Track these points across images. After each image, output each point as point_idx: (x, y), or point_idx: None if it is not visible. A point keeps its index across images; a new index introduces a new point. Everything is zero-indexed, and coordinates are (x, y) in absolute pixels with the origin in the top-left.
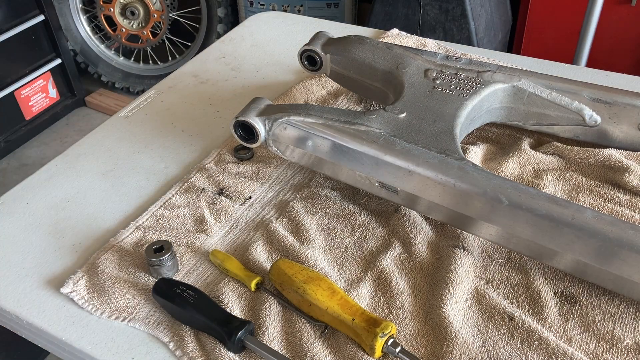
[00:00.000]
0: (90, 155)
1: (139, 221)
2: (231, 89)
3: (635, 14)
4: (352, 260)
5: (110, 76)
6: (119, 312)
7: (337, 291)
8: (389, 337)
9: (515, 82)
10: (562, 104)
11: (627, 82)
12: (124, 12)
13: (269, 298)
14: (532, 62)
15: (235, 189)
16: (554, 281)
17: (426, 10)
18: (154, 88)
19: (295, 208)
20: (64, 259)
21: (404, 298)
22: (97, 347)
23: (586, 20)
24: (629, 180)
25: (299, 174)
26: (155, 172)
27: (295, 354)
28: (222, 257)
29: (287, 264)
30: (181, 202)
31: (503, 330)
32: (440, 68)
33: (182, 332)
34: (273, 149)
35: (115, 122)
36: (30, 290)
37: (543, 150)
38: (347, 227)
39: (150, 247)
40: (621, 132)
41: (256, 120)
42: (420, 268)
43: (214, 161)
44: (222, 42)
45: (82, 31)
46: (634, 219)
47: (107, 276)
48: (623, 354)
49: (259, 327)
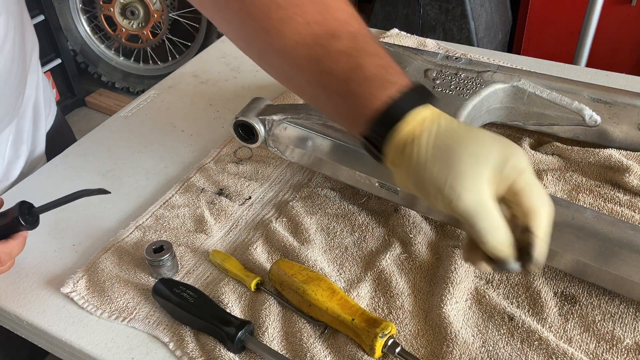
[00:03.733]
0: (90, 155)
1: (139, 221)
2: (231, 89)
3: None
4: (352, 260)
5: (110, 76)
6: (119, 312)
7: (337, 291)
8: (389, 337)
9: (515, 82)
10: (562, 104)
11: (627, 82)
12: (124, 12)
13: (268, 298)
14: (532, 62)
15: (235, 189)
16: (554, 281)
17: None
18: (154, 88)
19: (295, 208)
20: (64, 259)
21: (404, 298)
22: (97, 347)
23: (586, 20)
24: (629, 180)
25: (298, 174)
26: (155, 172)
27: (295, 354)
28: (222, 257)
29: (287, 264)
30: (181, 202)
31: (503, 330)
32: (440, 68)
33: (182, 332)
34: (273, 149)
35: (115, 122)
36: (30, 290)
37: (543, 150)
38: (346, 227)
39: (150, 247)
40: (621, 132)
41: (256, 121)
42: (420, 268)
43: (214, 161)
44: (222, 42)
45: (82, 31)
46: (634, 219)
47: (107, 276)
48: (623, 354)
49: (259, 327)
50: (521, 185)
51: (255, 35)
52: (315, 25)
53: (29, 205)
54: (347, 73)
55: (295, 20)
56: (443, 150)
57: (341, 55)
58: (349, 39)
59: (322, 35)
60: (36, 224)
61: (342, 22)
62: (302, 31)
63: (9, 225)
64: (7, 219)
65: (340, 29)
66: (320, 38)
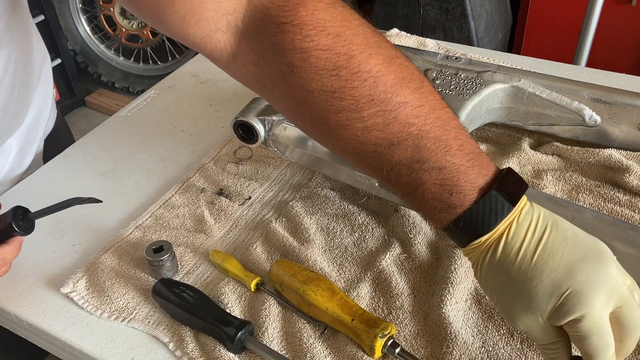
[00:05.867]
0: (90, 155)
1: (138, 221)
2: (231, 89)
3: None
4: (352, 260)
5: (110, 76)
6: (119, 312)
7: (336, 291)
8: (389, 338)
9: (515, 82)
10: (562, 104)
11: (627, 82)
12: (123, 12)
13: (268, 298)
14: (532, 62)
15: (234, 189)
16: None
17: (426, 10)
18: (154, 88)
19: (295, 208)
20: (64, 259)
21: (404, 298)
22: (97, 347)
23: (586, 20)
24: (629, 180)
25: (298, 174)
26: (155, 172)
27: (295, 354)
28: (222, 257)
29: (286, 264)
30: (181, 202)
31: (503, 331)
32: (440, 68)
33: (182, 332)
34: (273, 149)
35: (115, 122)
36: (30, 290)
37: (543, 150)
38: (346, 227)
39: (150, 247)
40: (621, 132)
41: (256, 121)
42: (420, 268)
43: (214, 161)
44: None
45: (82, 31)
46: (634, 219)
47: (107, 276)
48: None
49: (259, 328)
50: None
51: (317, 134)
52: (375, 131)
53: (23, 211)
54: (410, 188)
55: (354, 126)
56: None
57: (401, 167)
58: (411, 145)
59: (382, 144)
60: (31, 229)
61: (404, 125)
62: (362, 137)
63: (2, 231)
64: (1, 225)
65: (401, 132)
66: (380, 147)
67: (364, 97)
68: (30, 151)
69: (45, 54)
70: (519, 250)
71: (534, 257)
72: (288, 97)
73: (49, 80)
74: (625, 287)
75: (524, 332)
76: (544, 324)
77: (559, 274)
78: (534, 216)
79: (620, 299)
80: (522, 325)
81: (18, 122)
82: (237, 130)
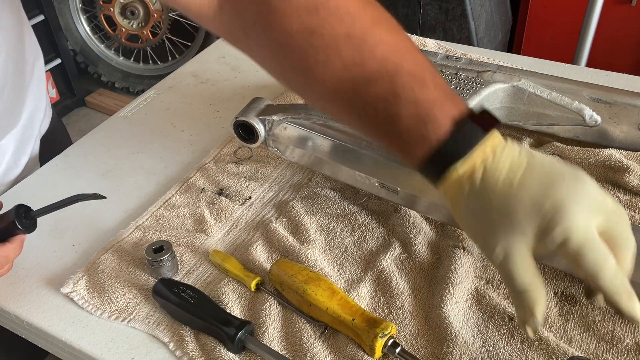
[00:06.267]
0: (90, 155)
1: (138, 221)
2: (231, 89)
3: (635, 14)
4: (352, 260)
5: (110, 76)
6: (119, 312)
7: (337, 291)
8: (389, 338)
9: (515, 82)
10: (562, 104)
11: (627, 82)
12: (123, 12)
13: (268, 298)
14: (532, 62)
15: (235, 188)
16: (554, 281)
17: (426, 10)
18: (154, 88)
19: (295, 208)
20: (64, 259)
21: (404, 298)
22: (97, 347)
23: (586, 20)
24: (629, 180)
25: (298, 174)
26: (155, 172)
27: (295, 354)
28: (222, 257)
29: (287, 264)
30: (181, 202)
31: (503, 331)
32: (440, 68)
33: (182, 332)
34: (273, 149)
35: (115, 122)
36: (30, 290)
37: (543, 150)
38: (346, 227)
39: (150, 247)
40: (621, 132)
41: (256, 121)
42: (420, 268)
43: (214, 161)
44: (222, 42)
45: (82, 31)
46: (634, 219)
47: (107, 276)
48: (623, 354)
49: (259, 328)
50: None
51: (297, 80)
52: (354, 67)
53: (26, 209)
54: (386, 125)
55: (334, 64)
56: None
57: (378, 101)
58: (387, 81)
59: (360, 81)
60: (33, 227)
61: (380, 61)
62: (340, 75)
63: (5, 229)
64: (4, 223)
65: (378, 68)
66: (357, 84)
67: (343, 35)
68: (26, 151)
69: (38, 51)
70: (500, 177)
71: (515, 181)
72: (269, 42)
73: (42, 78)
74: (607, 200)
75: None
76: (527, 252)
77: (538, 191)
78: (514, 147)
79: (604, 212)
80: (501, 252)
81: (14, 121)
82: (237, 130)
